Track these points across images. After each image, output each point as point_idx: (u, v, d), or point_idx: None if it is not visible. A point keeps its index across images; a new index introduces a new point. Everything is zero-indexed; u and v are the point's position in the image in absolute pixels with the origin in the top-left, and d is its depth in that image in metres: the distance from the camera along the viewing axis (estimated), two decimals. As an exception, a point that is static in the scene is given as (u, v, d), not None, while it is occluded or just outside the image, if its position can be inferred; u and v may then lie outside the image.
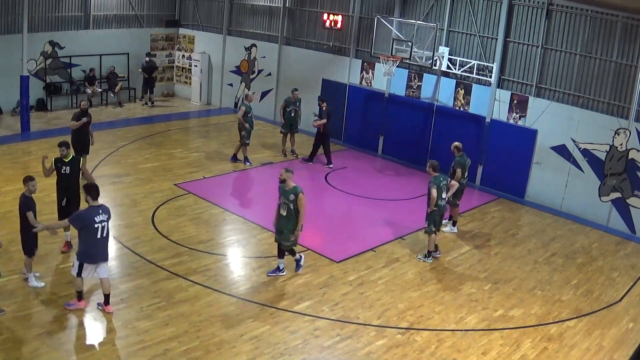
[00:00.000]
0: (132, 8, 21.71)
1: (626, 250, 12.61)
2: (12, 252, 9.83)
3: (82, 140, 13.30)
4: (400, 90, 17.18)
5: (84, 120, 13.27)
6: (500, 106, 15.30)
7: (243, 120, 15.27)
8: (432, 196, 10.75)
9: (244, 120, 15.27)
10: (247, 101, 15.66)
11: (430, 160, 11.20)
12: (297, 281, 9.98)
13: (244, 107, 15.37)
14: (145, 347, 7.84)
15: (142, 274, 9.76)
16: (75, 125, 13.19)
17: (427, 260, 11.09)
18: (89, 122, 13.48)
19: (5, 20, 18.27)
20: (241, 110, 15.36)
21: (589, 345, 8.86)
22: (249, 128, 15.42)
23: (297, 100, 16.47)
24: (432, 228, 10.98)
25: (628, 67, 13.26)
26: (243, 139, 15.47)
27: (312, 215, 13.25)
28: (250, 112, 15.44)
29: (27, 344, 7.66)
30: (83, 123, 13.25)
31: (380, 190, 14.86)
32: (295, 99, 16.44)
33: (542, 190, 14.78)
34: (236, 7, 21.52)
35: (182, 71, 23.32)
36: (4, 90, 18.16)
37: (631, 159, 13.29)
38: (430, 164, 11.08)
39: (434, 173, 10.96)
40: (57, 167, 10.11)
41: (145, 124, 19.01)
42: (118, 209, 12.29)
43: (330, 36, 18.79)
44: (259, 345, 8.14)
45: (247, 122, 15.34)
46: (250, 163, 15.80)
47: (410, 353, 8.30)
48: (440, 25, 15.82)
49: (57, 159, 10.12)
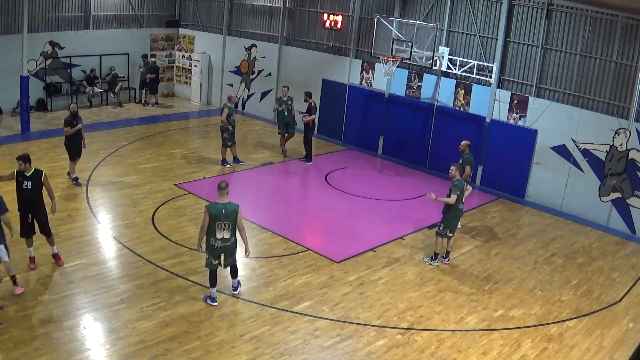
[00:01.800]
0: (132, 8, 21.71)
1: (626, 250, 12.61)
2: (12, 251, 9.82)
3: (76, 145, 13.21)
4: (400, 91, 17.19)
5: (79, 127, 13.09)
6: (500, 106, 15.30)
7: (227, 122, 15.10)
8: (450, 200, 10.54)
9: (228, 122, 15.11)
10: (229, 103, 15.49)
11: (456, 164, 10.97)
12: (297, 281, 9.98)
13: (227, 108, 15.20)
14: (145, 347, 7.85)
15: (142, 274, 9.76)
16: (70, 132, 13.01)
17: (434, 263, 11.02)
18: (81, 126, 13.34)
19: (5, 20, 18.27)
20: (224, 112, 15.17)
21: (589, 345, 8.86)
22: (231, 130, 15.25)
23: (288, 98, 16.35)
24: (447, 232, 10.87)
25: (628, 67, 13.26)
26: (225, 141, 15.33)
27: (312, 215, 13.29)
28: (232, 114, 15.29)
29: (27, 344, 7.65)
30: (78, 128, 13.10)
31: (380, 190, 14.86)
32: (286, 97, 16.33)
33: (542, 190, 14.79)
34: (236, 7, 21.52)
35: (182, 71, 23.32)
36: (4, 90, 18.16)
37: (631, 159, 13.29)
38: (457, 166, 10.84)
39: (458, 176, 10.81)
40: (18, 182, 9.36)
41: (145, 124, 19.01)
42: (118, 209, 12.30)
43: (330, 36, 18.79)
44: (259, 346, 8.14)
45: (231, 124, 15.19)
46: (242, 162, 15.76)
47: (411, 353, 8.30)
48: (440, 25, 15.83)
49: (19, 172, 9.35)
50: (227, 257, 8.96)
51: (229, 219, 8.66)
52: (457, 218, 11.00)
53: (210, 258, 8.84)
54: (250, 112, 21.30)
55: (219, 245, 8.74)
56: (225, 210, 8.63)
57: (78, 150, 13.29)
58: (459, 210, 10.84)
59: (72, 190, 12.99)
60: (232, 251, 8.96)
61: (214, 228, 8.64)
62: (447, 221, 10.79)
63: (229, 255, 8.96)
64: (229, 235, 8.75)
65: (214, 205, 8.74)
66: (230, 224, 8.70)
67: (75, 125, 13.06)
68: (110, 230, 11.26)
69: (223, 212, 8.61)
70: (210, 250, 8.80)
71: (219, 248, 8.77)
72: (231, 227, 8.72)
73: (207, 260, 8.90)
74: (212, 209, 8.64)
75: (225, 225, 8.67)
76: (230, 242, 8.82)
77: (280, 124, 16.55)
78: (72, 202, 12.36)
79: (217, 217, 8.60)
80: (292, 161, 16.59)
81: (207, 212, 8.60)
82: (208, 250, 8.81)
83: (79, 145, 13.28)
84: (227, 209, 8.66)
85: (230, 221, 8.68)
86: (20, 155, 9.39)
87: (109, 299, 8.91)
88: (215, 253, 8.81)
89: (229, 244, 8.81)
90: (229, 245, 8.84)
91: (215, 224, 8.62)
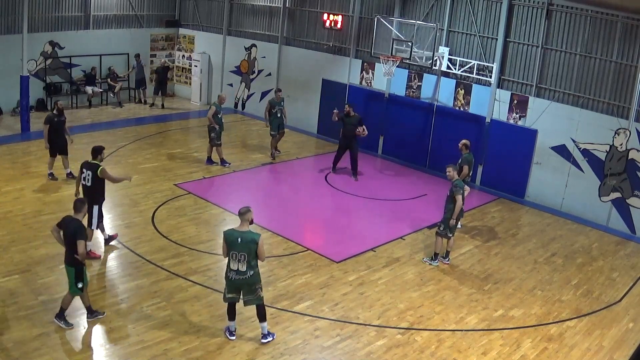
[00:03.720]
0: (132, 8, 21.72)
1: (626, 250, 12.61)
2: (13, 252, 9.85)
3: (58, 141, 13.28)
4: (400, 91, 17.18)
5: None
6: (500, 106, 15.30)
7: (213, 120, 14.98)
8: (459, 204, 10.49)
9: (214, 120, 14.99)
10: (218, 102, 15.32)
11: (452, 165, 10.96)
12: (297, 281, 9.97)
13: (214, 107, 15.09)
14: (145, 347, 7.84)
15: (142, 274, 9.76)
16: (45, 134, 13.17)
17: (434, 263, 11.01)
18: (64, 122, 13.40)
19: (5, 20, 18.27)
20: (211, 110, 15.07)
21: (589, 345, 8.86)
22: (219, 129, 15.08)
23: (281, 100, 16.37)
24: (448, 233, 10.87)
25: (628, 67, 13.26)
26: (213, 140, 15.19)
27: (312, 215, 13.29)
28: (220, 113, 15.13)
29: (27, 344, 7.65)
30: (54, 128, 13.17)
31: (380, 190, 14.85)
32: (279, 99, 16.32)
33: (542, 190, 14.78)
34: (236, 7, 21.52)
35: (182, 71, 23.32)
36: (4, 90, 18.16)
37: (631, 159, 13.29)
38: (455, 167, 10.85)
39: (457, 176, 10.80)
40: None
41: (145, 124, 19.01)
42: (118, 209, 12.29)
43: (330, 36, 18.79)
44: (259, 346, 8.14)
45: (218, 123, 15.04)
46: (229, 164, 15.49)
47: (410, 353, 8.30)
48: (440, 25, 15.82)
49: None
50: (245, 292, 7.91)
51: (245, 250, 7.62)
52: (458, 220, 10.99)
53: (225, 289, 8.00)
54: (250, 112, 21.30)
55: (233, 277, 7.78)
56: (241, 239, 7.63)
57: (60, 145, 13.33)
58: (460, 211, 10.84)
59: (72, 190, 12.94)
60: (251, 287, 7.85)
61: (229, 258, 7.76)
62: (448, 221, 10.79)
63: (248, 292, 7.89)
64: (245, 269, 7.68)
65: (231, 231, 7.81)
66: (246, 255, 7.63)
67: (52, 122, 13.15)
68: (110, 230, 11.25)
69: (239, 240, 7.63)
70: (226, 282, 7.93)
71: (233, 280, 7.81)
72: (247, 260, 7.66)
73: (224, 291, 8.09)
74: (228, 235, 7.74)
75: (241, 256, 7.65)
76: (246, 277, 7.74)
77: (273, 125, 16.33)
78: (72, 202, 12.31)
79: (233, 245, 7.67)
80: (292, 161, 16.59)
81: (224, 238, 7.80)
82: (225, 282, 7.98)
83: (61, 140, 13.32)
84: (244, 237, 7.64)
85: (246, 252, 7.62)
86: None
87: (109, 299, 8.91)
88: (231, 286, 7.88)
89: (244, 277, 7.74)
90: (246, 279, 7.76)
91: (230, 253, 7.72)
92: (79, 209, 8.07)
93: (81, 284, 7.99)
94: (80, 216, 8.05)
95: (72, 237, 7.81)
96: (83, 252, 7.81)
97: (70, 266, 7.95)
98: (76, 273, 7.94)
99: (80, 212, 8.07)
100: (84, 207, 8.17)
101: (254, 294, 7.92)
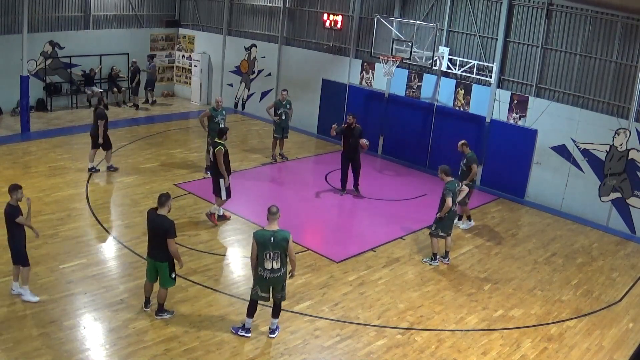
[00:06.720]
0: (132, 8, 21.71)
1: (626, 250, 12.61)
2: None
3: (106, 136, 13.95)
4: (400, 91, 17.19)
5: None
6: (500, 106, 15.30)
7: (202, 123, 14.51)
8: (447, 205, 10.56)
9: (203, 124, 14.47)
10: (215, 106, 14.46)
11: (442, 166, 11.02)
12: (297, 281, 9.96)
13: (209, 111, 14.45)
14: (145, 347, 7.84)
15: (142, 274, 9.70)
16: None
17: (434, 263, 11.02)
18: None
19: (5, 20, 18.27)
20: (204, 113, 14.53)
21: (589, 345, 8.86)
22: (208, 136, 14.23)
23: (287, 102, 15.95)
24: (440, 232, 10.90)
25: (628, 67, 13.26)
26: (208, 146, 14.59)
27: (312, 215, 13.28)
28: (216, 118, 14.19)
29: (27, 344, 7.65)
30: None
31: (380, 190, 14.85)
32: (284, 100, 15.92)
33: (542, 190, 14.79)
34: (236, 7, 21.52)
35: (182, 71, 23.32)
36: (4, 90, 18.16)
37: (631, 159, 13.29)
38: (442, 169, 10.91)
39: (447, 178, 10.83)
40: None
41: (145, 124, 19.02)
42: (118, 209, 12.30)
43: (330, 36, 18.79)
44: (259, 346, 8.14)
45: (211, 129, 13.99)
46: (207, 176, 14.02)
47: (410, 353, 8.30)
48: (440, 25, 15.83)
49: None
50: (277, 290, 8.15)
51: (278, 248, 7.86)
52: (450, 219, 11.00)
53: (257, 288, 8.07)
54: (250, 112, 21.31)
55: (267, 275, 7.95)
56: (274, 239, 7.83)
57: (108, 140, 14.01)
58: (451, 212, 10.86)
59: (72, 190, 12.99)
60: (282, 284, 8.15)
61: (262, 257, 7.89)
62: (439, 221, 10.85)
63: (279, 289, 8.15)
64: (279, 266, 7.93)
65: (262, 232, 7.95)
66: (280, 253, 7.89)
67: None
68: (110, 230, 11.25)
69: (272, 240, 7.82)
70: (259, 282, 8.03)
71: (268, 279, 7.99)
72: (281, 257, 7.93)
73: (253, 290, 8.14)
74: (260, 236, 7.88)
75: (275, 254, 7.87)
76: (280, 274, 8.00)
77: (277, 127, 16.06)
78: (72, 202, 12.35)
79: (265, 245, 7.82)
80: (292, 161, 16.59)
81: (255, 239, 7.89)
82: (257, 281, 8.07)
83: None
84: (277, 236, 7.84)
85: (280, 250, 7.87)
86: None
87: (109, 299, 8.90)
88: (265, 285, 8.04)
89: (278, 274, 7.99)
90: (279, 276, 8.02)
91: (263, 253, 7.86)
92: (163, 204, 8.26)
93: (174, 274, 8.37)
94: (164, 210, 8.24)
95: (163, 235, 8.11)
96: (175, 250, 8.19)
97: (162, 262, 8.26)
98: (170, 265, 8.29)
99: (164, 207, 8.26)
100: (168, 201, 8.32)
101: (284, 290, 8.27)
